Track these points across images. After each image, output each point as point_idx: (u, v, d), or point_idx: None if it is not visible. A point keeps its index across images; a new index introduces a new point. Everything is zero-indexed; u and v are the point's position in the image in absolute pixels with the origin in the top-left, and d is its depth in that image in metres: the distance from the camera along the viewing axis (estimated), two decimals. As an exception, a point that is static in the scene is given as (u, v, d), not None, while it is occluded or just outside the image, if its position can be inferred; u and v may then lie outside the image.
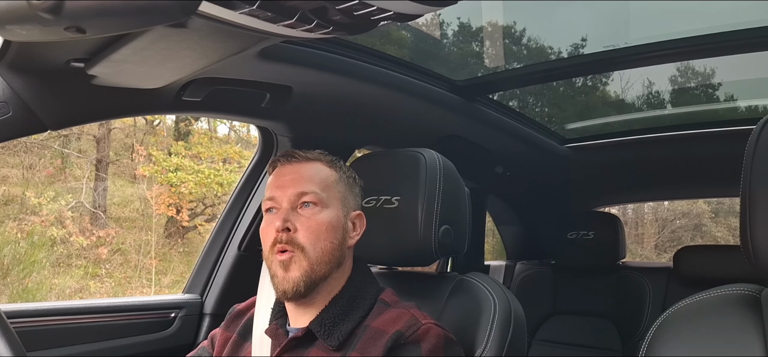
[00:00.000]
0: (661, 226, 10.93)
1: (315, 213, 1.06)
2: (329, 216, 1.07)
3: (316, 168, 1.10)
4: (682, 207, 10.38)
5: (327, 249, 1.06)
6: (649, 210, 10.71)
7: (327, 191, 1.08)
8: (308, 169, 1.10)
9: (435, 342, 1.01)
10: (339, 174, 1.13)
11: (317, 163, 1.11)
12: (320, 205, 1.07)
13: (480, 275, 1.28)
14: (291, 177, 1.08)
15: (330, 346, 1.04)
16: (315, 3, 0.81)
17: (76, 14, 0.64)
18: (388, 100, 1.71)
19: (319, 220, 1.05)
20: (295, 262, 1.04)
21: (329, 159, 1.13)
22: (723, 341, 0.82)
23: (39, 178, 7.76)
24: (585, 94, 2.75)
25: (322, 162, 1.12)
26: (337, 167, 1.13)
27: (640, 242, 10.84)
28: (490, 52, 2.38)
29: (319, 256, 1.05)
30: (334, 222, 1.07)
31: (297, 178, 1.08)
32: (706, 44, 1.62)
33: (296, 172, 1.09)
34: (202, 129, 8.86)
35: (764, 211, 0.80)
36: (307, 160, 1.11)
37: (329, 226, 1.06)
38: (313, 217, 1.05)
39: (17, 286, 6.30)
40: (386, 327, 1.03)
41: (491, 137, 2.14)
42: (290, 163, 1.11)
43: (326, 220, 1.06)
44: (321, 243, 1.05)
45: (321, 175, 1.09)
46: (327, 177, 1.10)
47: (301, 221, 1.05)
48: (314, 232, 1.05)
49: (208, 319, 1.73)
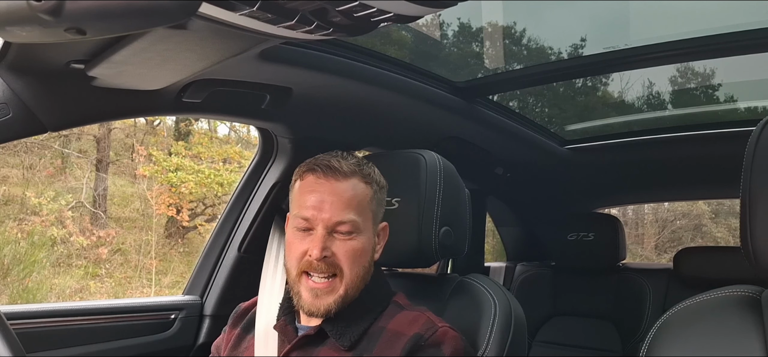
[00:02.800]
0: (661, 227, 10.93)
1: (352, 239, 1.04)
2: (365, 241, 1.06)
3: (353, 187, 1.06)
4: (683, 208, 10.38)
5: (361, 274, 1.06)
6: (650, 210, 10.72)
7: (363, 215, 1.06)
8: (347, 189, 1.05)
9: (455, 344, 1.04)
10: (373, 190, 1.09)
11: (354, 180, 1.07)
12: (356, 232, 1.05)
13: (480, 277, 1.28)
14: (329, 199, 1.04)
15: (342, 346, 1.04)
16: (315, 4, 0.81)
17: (76, 15, 0.64)
18: (389, 102, 1.71)
19: (356, 247, 1.04)
20: (332, 291, 1.04)
21: (365, 172, 1.09)
22: (723, 342, 0.82)
23: (39, 178, 7.77)
24: (585, 95, 2.75)
25: (359, 177, 1.07)
26: (372, 180, 1.09)
27: (640, 242, 10.84)
28: (490, 53, 2.38)
29: (353, 282, 1.05)
30: (367, 246, 1.07)
31: (335, 201, 1.04)
32: (706, 45, 1.61)
33: (334, 192, 1.04)
34: (203, 129, 8.86)
35: (764, 213, 0.80)
36: (345, 177, 1.06)
37: (363, 252, 1.06)
38: (350, 243, 1.04)
39: (17, 286, 6.30)
40: (404, 329, 1.04)
41: (491, 139, 2.14)
42: (327, 178, 1.05)
43: (362, 246, 1.05)
44: (356, 268, 1.05)
45: (358, 196, 1.06)
46: (363, 197, 1.07)
47: (338, 246, 1.04)
48: (350, 257, 1.04)
49: (208, 321, 1.73)
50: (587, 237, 2.43)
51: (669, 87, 2.58)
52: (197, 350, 1.71)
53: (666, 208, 10.42)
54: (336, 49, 1.51)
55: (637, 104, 2.64)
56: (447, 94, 1.87)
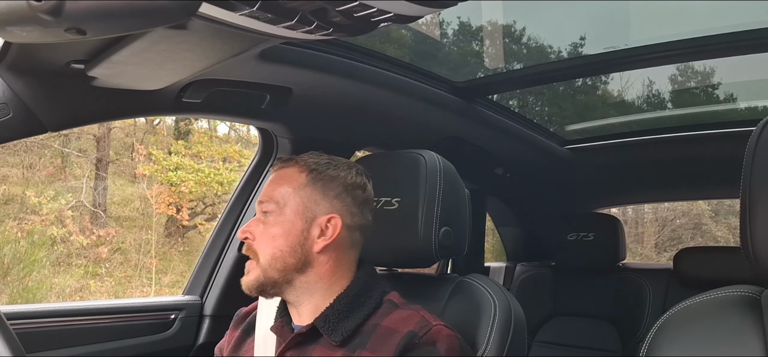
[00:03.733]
0: (661, 226, 10.93)
1: (270, 222, 1.09)
2: (282, 224, 1.08)
3: (285, 174, 1.11)
4: (683, 206, 10.38)
5: (276, 256, 1.07)
6: (650, 209, 10.72)
7: (285, 199, 1.09)
8: (278, 176, 1.11)
9: (450, 343, 1.03)
10: (309, 177, 1.10)
11: (291, 168, 1.11)
12: (275, 214, 1.08)
13: (480, 277, 1.28)
14: (266, 185, 1.12)
15: (334, 341, 1.05)
16: (315, 4, 0.81)
17: (76, 15, 0.64)
18: (389, 102, 1.71)
19: (270, 230, 1.08)
20: (251, 268, 1.10)
21: (306, 161, 1.12)
22: (723, 343, 0.82)
23: (39, 177, 7.76)
24: (585, 94, 2.75)
25: (298, 166, 1.11)
26: (310, 169, 1.11)
27: (640, 241, 10.84)
28: (490, 52, 2.38)
29: (267, 262, 1.08)
30: (286, 229, 1.08)
31: (267, 187, 1.11)
32: (706, 45, 1.61)
33: (271, 180, 1.12)
34: (202, 128, 8.86)
35: (764, 213, 0.80)
36: (282, 167, 1.12)
37: (279, 234, 1.08)
38: (267, 226, 1.09)
39: (17, 286, 6.30)
40: (397, 326, 1.04)
41: (491, 139, 2.14)
42: (273, 171, 1.14)
43: (277, 228, 1.08)
44: (269, 250, 1.07)
45: (285, 182, 1.10)
46: (291, 184, 1.10)
47: (259, 229, 1.09)
48: (264, 240, 1.08)
49: (208, 321, 1.73)
50: (587, 237, 2.43)
51: (669, 86, 2.58)
52: (197, 350, 1.71)
53: (666, 206, 10.42)
54: (336, 49, 1.51)
55: (637, 103, 2.64)
56: (447, 93, 1.87)
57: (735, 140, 1.50)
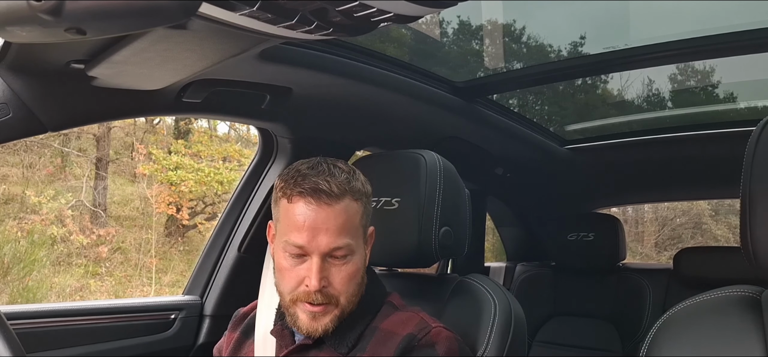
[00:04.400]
0: (661, 225, 10.95)
1: (347, 261, 1.02)
2: (358, 260, 1.04)
3: (346, 209, 1.01)
4: (683, 205, 10.38)
5: (356, 291, 1.05)
6: (649, 208, 10.72)
7: (356, 234, 1.03)
8: (340, 213, 1.00)
9: (449, 344, 1.03)
10: (363, 205, 1.05)
11: (346, 200, 1.01)
12: (351, 254, 1.02)
13: (480, 277, 1.28)
14: (324, 227, 0.99)
15: (340, 352, 1.04)
16: (315, 4, 0.81)
17: (76, 15, 0.64)
18: (389, 102, 1.71)
19: (351, 270, 1.02)
20: (328, 312, 1.02)
21: (354, 188, 1.03)
22: (723, 342, 0.82)
23: (39, 176, 7.77)
24: (585, 93, 2.74)
25: (349, 196, 1.02)
26: (361, 195, 1.04)
27: (640, 240, 10.85)
28: (490, 51, 2.38)
29: (349, 300, 1.04)
30: (360, 263, 1.05)
31: (330, 227, 0.99)
32: (706, 45, 1.61)
33: (328, 217, 0.99)
34: (202, 128, 8.86)
35: (764, 213, 0.80)
36: (337, 200, 1.00)
37: (358, 271, 1.04)
38: (345, 267, 1.02)
39: (17, 285, 6.30)
40: (396, 329, 1.04)
41: (491, 139, 2.14)
42: (319, 204, 0.99)
43: (356, 266, 1.03)
44: (352, 288, 1.03)
45: (351, 218, 1.02)
46: (355, 216, 1.03)
47: (334, 273, 1.01)
48: (346, 281, 1.02)
49: (208, 321, 1.73)
50: (587, 237, 2.43)
51: (669, 85, 2.58)
52: (197, 350, 1.71)
53: (666, 205, 10.43)
54: (336, 49, 1.51)
55: (636, 102, 2.64)
56: (447, 93, 1.87)
57: (735, 140, 1.51)
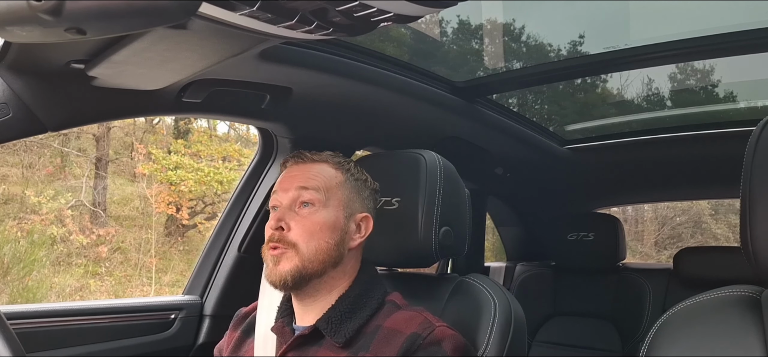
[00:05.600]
0: (661, 224, 10.96)
1: (311, 213, 1.08)
2: (326, 216, 1.08)
3: (320, 168, 1.11)
4: (682, 205, 10.39)
5: (321, 248, 1.07)
6: (649, 208, 10.74)
7: (328, 192, 1.09)
8: (312, 169, 1.11)
9: (455, 342, 1.04)
10: (345, 176, 1.13)
11: (323, 164, 1.12)
12: (318, 205, 1.08)
13: (480, 277, 1.28)
14: (295, 177, 1.10)
15: (337, 343, 1.05)
16: (315, 4, 0.81)
17: (76, 15, 0.64)
18: (389, 102, 1.71)
19: (314, 220, 1.07)
20: (286, 258, 1.06)
21: (337, 161, 1.14)
22: (723, 342, 0.82)
23: (39, 176, 7.77)
24: (584, 92, 2.74)
25: (329, 163, 1.13)
26: (344, 169, 1.14)
27: (640, 239, 10.87)
28: (490, 50, 2.38)
29: (311, 254, 1.06)
30: (330, 222, 1.08)
31: (299, 178, 1.10)
32: (706, 45, 1.61)
33: (300, 172, 1.11)
34: (202, 127, 8.86)
35: (764, 213, 0.80)
36: (313, 161, 1.13)
37: (324, 226, 1.07)
38: (309, 217, 1.07)
39: (17, 285, 6.30)
40: (401, 327, 1.04)
41: (491, 138, 2.14)
42: (297, 163, 1.13)
43: (321, 219, 1.07)
44: (314, 241, 1.06)
45: (324, 175, 1.11)
46: (330, 178, 1.11)
47: (297, 220, 1.07)
48: (308, 230, 1.06)
49: (208, 321, 1.73)
50: (587, 237, 2.43)
51: (669, 84, 2.57)
52: (197, 350, 1.71)
53: (666, 205, 10.44)
54: (336, 49, 1.51)
55: (636, 101, 2.64)
56: (447, 93, 1.87)
57: (735, 140, 1.51)
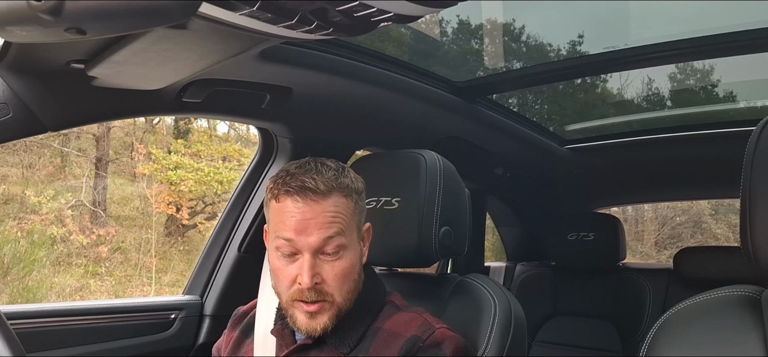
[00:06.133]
0: (661, 224, 10.96)
1: (342, 258, 1.01)
2: (353, 255, 1.03)
3: (334, 204, 1.00)
4: (683, 204, 10.39)
5: (352, 288, 1.04)
6: (649, 207, 10.74)
7: (347, 230, 1.02)
8: (328, 207, 0.99)
9: (455, 343, 1.03)
10: (354, 200, 1.04)
11: (335, 197, 1.01)
12: (343, 249, 1.01)
13: (480, 276, 1.28)
14: (313, 221, 0.98)
15: (342, 352, 1.04)
16: (315, 4, 0.81)
17: (76, 15, 0.64)
18: (389, 102, 1.71)
19: (344, 265, 1.01)
20: (325, 310, 1.01)
21: (343, 184, 1.03)
22: (723, 342, 0.82)
23: (39, 176, 7.77)
24: (584, 92, 2.74)
25: (338, 192, 1.01)
26: (351, 191, 1.04)
27: (640, 239, 10.87)
28: (490, 50, 2.38)
29: (345, 298, 1.03)
30: (355, 259, 1.04)
31: (319, 222, 0.98)
32: (706, 45, 1.61)
33: (316, 213, 0.99)
34: (202, 127, 8.86)
35: (764, 213, 0.80)
36: (324, 197, 0.99)
37: (352, 268, 1.03)
38: (338, 263, 1.00)
39: (17, 285, 6.30)
40: (400, 330, 1.04)
41: (491, 138, 2.14)
42: (305, 201, 0.99)
43: (351, 261, 1.03)
44: (346, 284, 1.02)
45: (341, 213, 1.01)
46: (345, 212, 1.02)
47: (326, 270, 1.00)
48: (341, 277, 1.01)
49: (208, 321, 1.73)
50: (587, 237, 2.43)
51: (668, 84, 2.57)
52: (197, 350, 1.71)
53: (666, 205, 10.43)
54: (336, 49, 1.51)
55: (636, 101, 2.64)
56: (447, 93, 1.87)
57: (735, 140, 1.51)
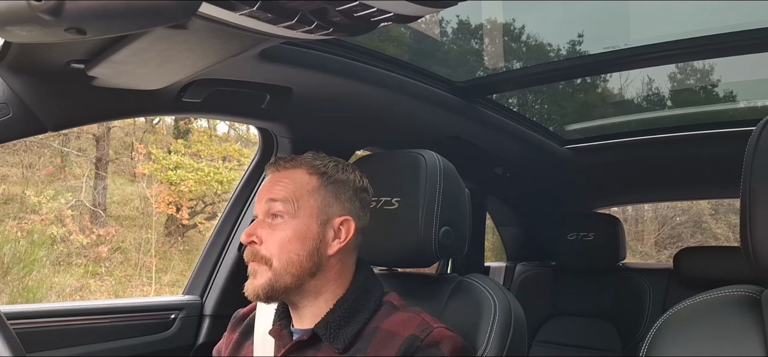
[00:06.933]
0: (661, 223, 10.96)
1: (281, 225, 1.05)
2: (296, 227, 1.05)
3: (293, 176, 1.08)
4: (682, 204, 10.41)
5: (292, 260, 1.04)
6: (649, 207, 10.75)
7: (297, 202, 1.06)
8: (284, 178, 1.08)
9: (454, 343, 1.03)
10: (320, 181, 1.08)
11: (297, 171, 1.09)
12: (287, 216, 1.05)
13: (480, 276, 1.28)
14: (268, 187, 1.08)
15: (336, 348, 1.04)
16: (315, 4, 0.81)
17: (76, 15, 0.64)
18: (389, 102, 1.71)
19: (283, 232, 1.05)
20: (260, 273, 1.05)
21: (314, 164, 1.09)
22: (723, 342, 0.82)
23: (39, 176, 7.77)
24: (584, 92, 2.74)
25: (304, 168, 1.09)
26: (319, 173, 1.09)
27: (640, 239, 10.87)
28: (490, 50, 2.38)
29: (282, 268, 1.04)
30: (300, 233, 1.05)
31: (271, 188, 1.07)
32: (706, 45, 1.61)
33: (274, 182, 1.08)
34: (202, 127, 8.86)
35: (764, 213, 0.80)
36: (286, 168, 1.09)
37: (294, 238, 1.05)
38: (278, 229, 1.05)
39: (17, 285, 6.30)
40: (398, 329, 1.04)
41: (491, 138, 2.14)
42: (272, 172, 1.11)
43: (291, 231, 1.05)
44: (285, 254, 1.04)
45: (296, 184, 1.07)
46: (301, 186, 1.07)
47: (267, 233, 1.05)
48: (278, 243, 1.04)
49: (208, 321, 1.73)
50: (587, 237, 2.43)
51: (668, 84, 2.57)
52: (197, 350, 1.71)
53: (666, 204, 10.44)
54: (336, 48, 1.51)
55: (636, 101, 2.64)
56: (447, 93, 1.87)
57: (735, 139, 1.51)
